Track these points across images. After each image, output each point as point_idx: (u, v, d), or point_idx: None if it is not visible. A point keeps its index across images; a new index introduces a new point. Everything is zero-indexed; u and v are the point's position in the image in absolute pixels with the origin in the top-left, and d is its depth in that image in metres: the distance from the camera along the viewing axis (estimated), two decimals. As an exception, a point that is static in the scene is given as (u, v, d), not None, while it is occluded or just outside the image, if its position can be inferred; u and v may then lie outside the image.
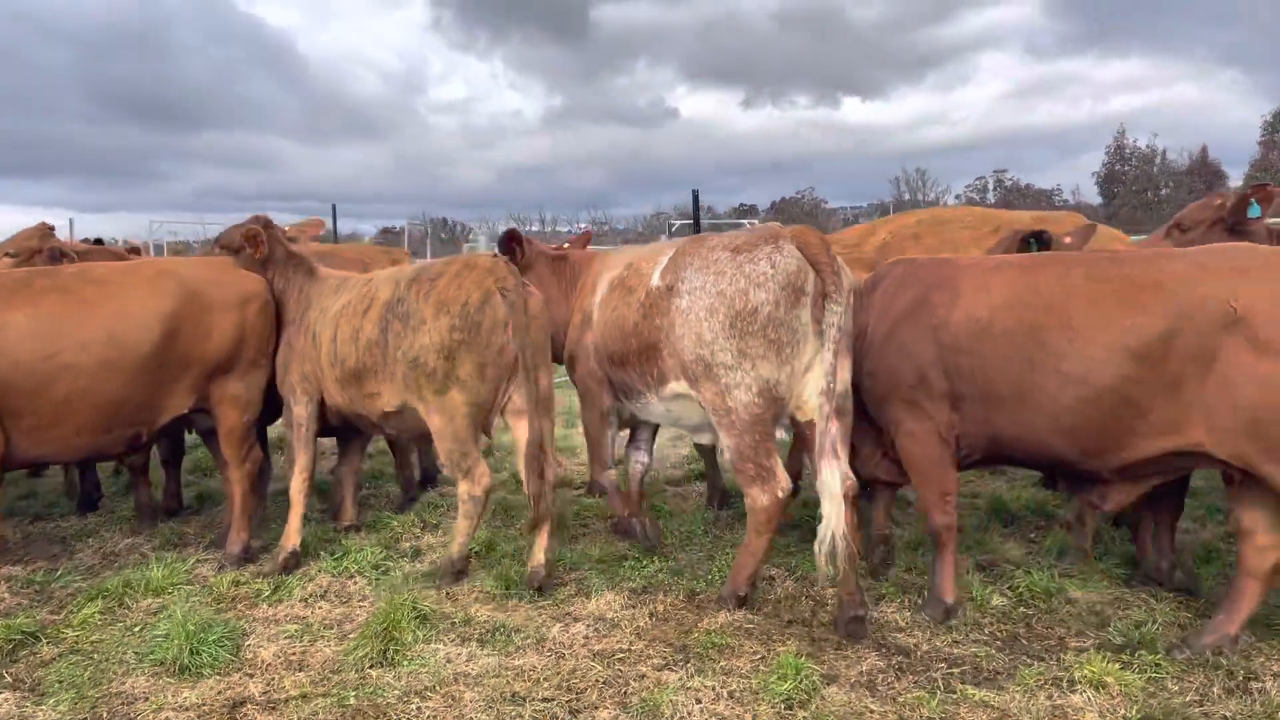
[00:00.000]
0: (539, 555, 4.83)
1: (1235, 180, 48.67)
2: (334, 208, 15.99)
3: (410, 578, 5.00)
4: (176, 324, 5.06)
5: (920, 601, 4.55)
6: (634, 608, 4.59)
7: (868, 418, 4.72)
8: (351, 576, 5.06)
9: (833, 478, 4.12)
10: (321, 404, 5.33)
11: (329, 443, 6.92)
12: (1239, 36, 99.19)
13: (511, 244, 5.86)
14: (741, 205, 73.20)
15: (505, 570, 4.89)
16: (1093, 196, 55.73)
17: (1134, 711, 3.50)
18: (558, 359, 5.52)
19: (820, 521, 4.12)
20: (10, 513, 6.24)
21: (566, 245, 6.58)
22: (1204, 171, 51.85)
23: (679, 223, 35.28)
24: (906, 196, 72.84)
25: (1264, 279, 3.70)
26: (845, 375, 4.34)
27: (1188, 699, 3.61)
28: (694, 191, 14.63)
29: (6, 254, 6.74)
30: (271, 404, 5.61)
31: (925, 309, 4.43)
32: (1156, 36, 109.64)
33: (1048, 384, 4.03)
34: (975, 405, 4.30)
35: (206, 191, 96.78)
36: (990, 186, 68.50)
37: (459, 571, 4.94)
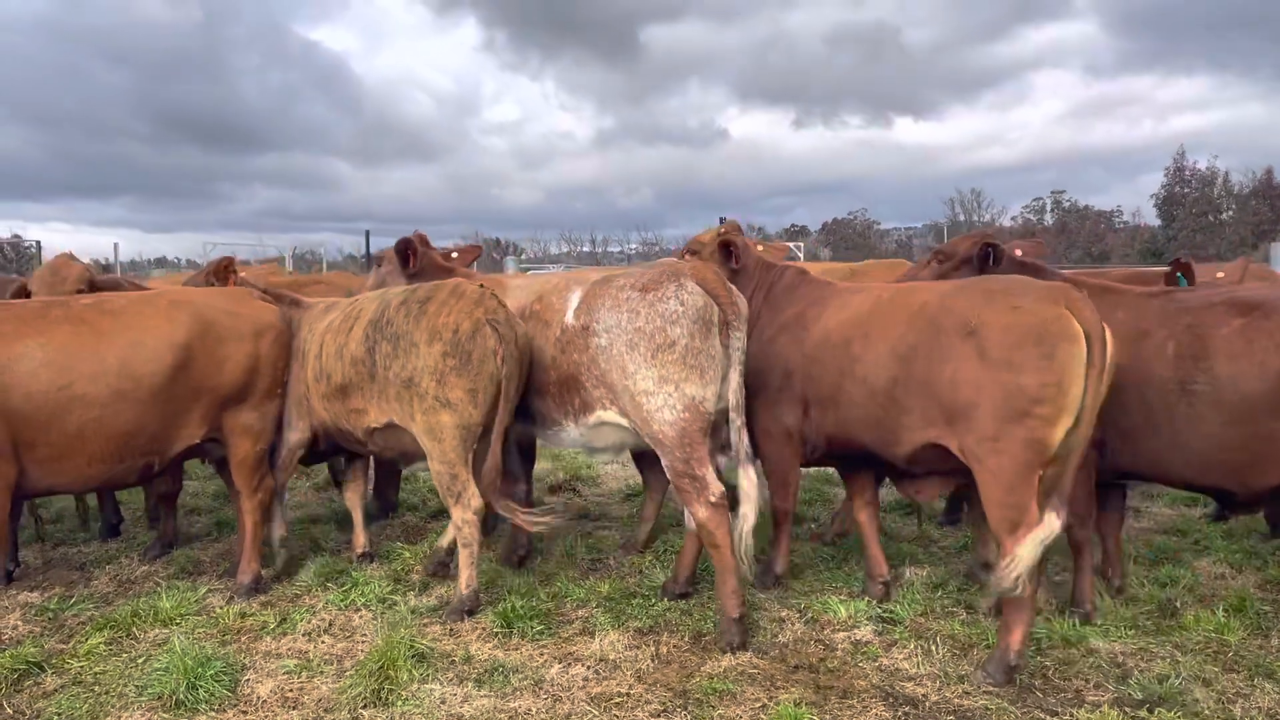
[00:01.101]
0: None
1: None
2: (366, 233, 16.06)
3: (416, 612, 4.96)
4: (190, 354, 5.09)
5: (932, 648, 4.39)
6: (637, 648, 4.50)
7: None
8: (357, 610, 5.03)
9: (749, 483, 4.74)
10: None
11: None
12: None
13: (406, 252, 6.18)
14: (793, 226, 72.74)
15: (509, 607, 4.82)
16: (1152, 218, 54.53)
17: (1147, 775, 3.33)
18: None
19: (740, 519, 4.67)
20: (37, 538, 6.34)
21: (454, 254, 6.61)
22: (1268, 193, 50.36)
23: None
24: (961, 217, 71.98)
25: (999, 305, 4.23)
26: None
27: (1207, 762, 3.43)
28: (720, 220, 14.63)
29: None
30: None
31: (800, 323, 5.12)
32: (1220, 55, 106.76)
33: (854, 387, 4.71)
34: (817, 408, 4.96)
35: (265, 212, 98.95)
36: (1048, 207, 67.40)
37: (469, 610, 4.88)
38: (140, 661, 4.41)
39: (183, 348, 5.06)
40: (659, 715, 3.87)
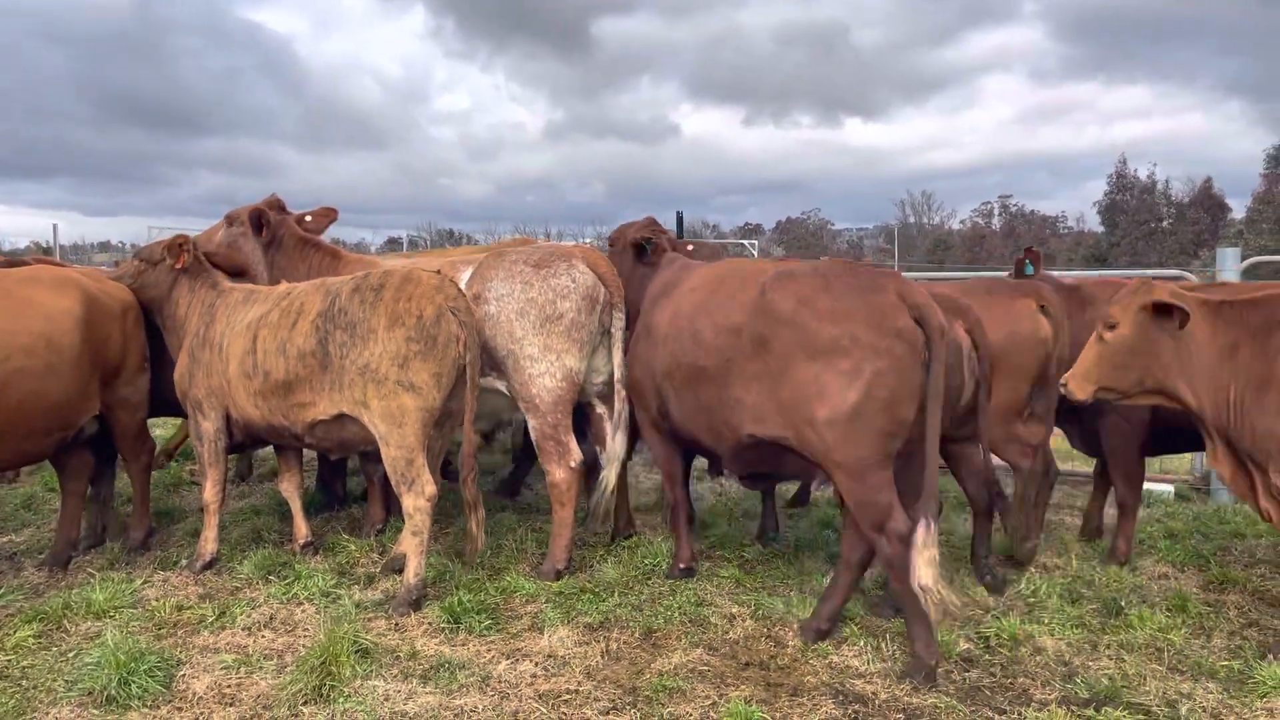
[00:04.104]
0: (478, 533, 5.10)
1: (1238, 212, 48.56)
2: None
3: (361, 606, 4.85)
4: (89, 329, 5.32)
5: (882, 645, 4.38)
6: (587, 645, 4.44)
7: None
8: (300, 603, 4.90)
9: (617, 447, 5.30)
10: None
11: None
12: (1245, 67, 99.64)
13: (260, 221, 6.25)
14: (747, 224, 73.09)
15: (456, 601, 4.73)
16: (1096, 225, 55.68)
17: (1094, 774, 3.35)
18: None
19: (601, 484, 5.24)
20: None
21: (308, 218, 6.59)
22: (1206, 203, 51.68)
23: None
24: (912, 219, 72.94)
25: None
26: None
27: (1152, 760, 3.46)
28: (679, 213, 14.82)
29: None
30: None
31: (661, 306, 5.18)
32: (1162, 65, 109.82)
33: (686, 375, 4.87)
34: (666, 397, 5.07)
35: (209, 197, 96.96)
36: (996, 211, 68.52)
37: (416, 601, 4.79)
38: (70, 655, 4.26)
39: (84, 322, 5.30)
40: (608, 713, 3.81)
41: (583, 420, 5.70)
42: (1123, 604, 4.85)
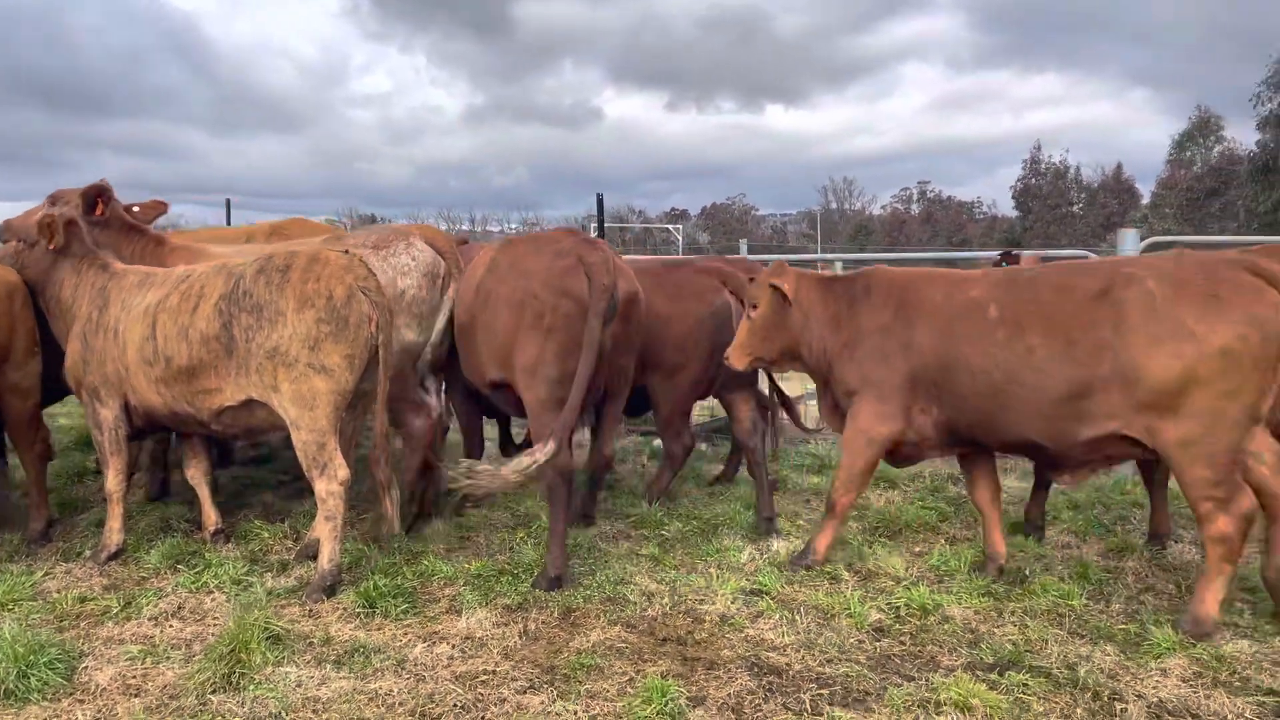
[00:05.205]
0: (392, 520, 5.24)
1: (1145, 197, 50.30)
2: (227, 202, 15.41)
3: (274, 593, 4.76)
4: None
5: (796, 618, 4.46)
6: (505, 626, 4.42)
7: None
8: (210, 592, 4.79)
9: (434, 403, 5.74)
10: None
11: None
12: (1152, 56, 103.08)
13: (96, 199, 6.02)
14: (673, 210, 73.38)
15: (371, 585, 4.67)
16: (1009, 209, 57.22)
17: (996, 734, 3.46)
18: None
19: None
20: None
21: (136, 209, 6.47)
22: (1116, 188, 53.49)
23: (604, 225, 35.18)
24: (834, 205, 73.95)
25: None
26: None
27: (1051, 720, 3.58)
28: (599, 196, 14.70)
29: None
30: None
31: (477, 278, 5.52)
32: (1073, 54, 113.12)
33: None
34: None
35: (117, 182, 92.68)
36: (914, 197, 69.91)
37: (330, 586, 4.72)
38: (-35, 650, 4.09)
39: None
40: (525, 692, 3.81)
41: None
42: (1027, 572, 5.01)
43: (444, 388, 6.07)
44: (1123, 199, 52.03)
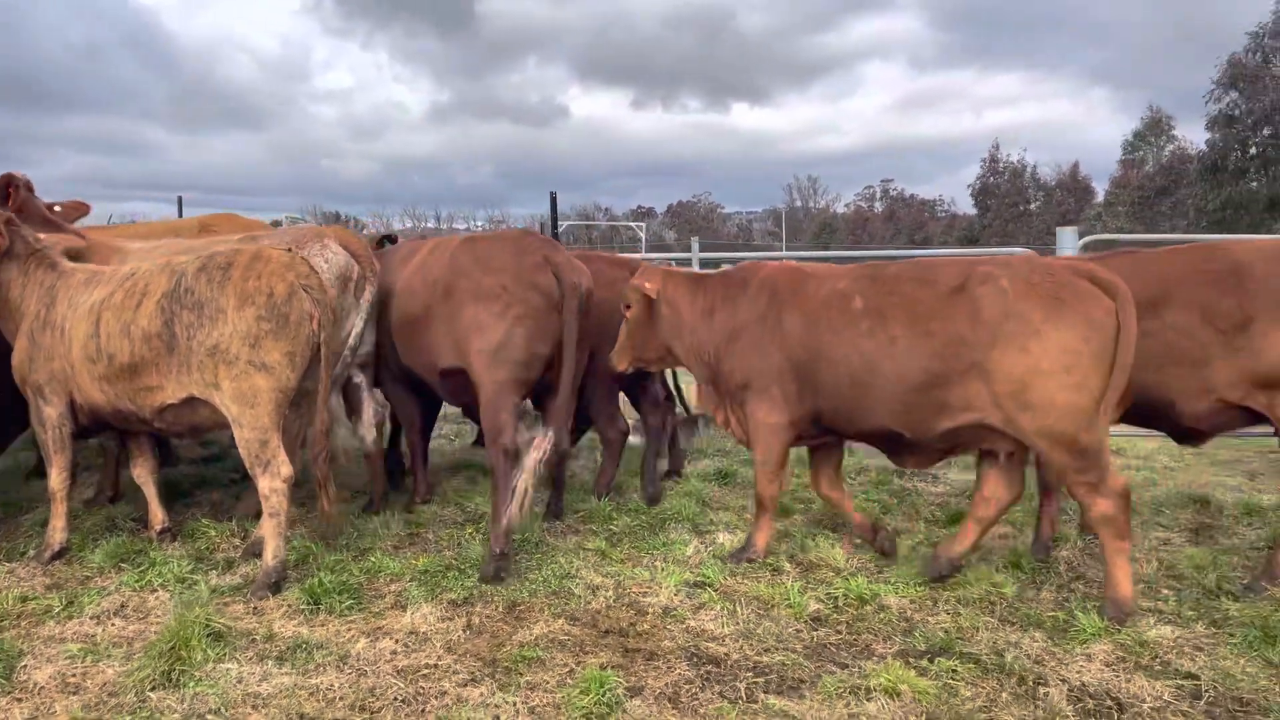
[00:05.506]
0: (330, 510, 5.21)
1: (1099, 196, 51.12)
2: (179, 199, 15.26)
3: (218, 591, 4.77)
4: None
5: (737, 609, 4.55)
6: (450, 620, 4.47)
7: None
8: (154, 590, 4.79)
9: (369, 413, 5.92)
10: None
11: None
12: (1109, 57, 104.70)
13: (7, 189, 6.11)
14: (639, 207, 73.52)
15: (316, 582, 4.70)
16: (969, 207, 57.90)
17: (921, 718, 3.56)
18: None
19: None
20: None
21: (57, 208, 6.51)
22: (1072, 186, 54.32)
23: (565, 224, 35.23)
24: (799, 203, 74.42)
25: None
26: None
27: (977, 705, 3.69)
28: (552, 194, 14.77)
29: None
30: None
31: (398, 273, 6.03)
32: (1033, 54, 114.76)
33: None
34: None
35: (77, 179, 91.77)
36: (878, 195, 70.55)
37: (275, 583, 4.73)
38: (-100, 652, 4.07)
39: None
40: (466, 684, 3.86)
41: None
42: (963, 562, 5.13)
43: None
44: (1079, 197, 52.85)
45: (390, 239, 7.58)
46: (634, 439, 6.90)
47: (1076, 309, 4.34)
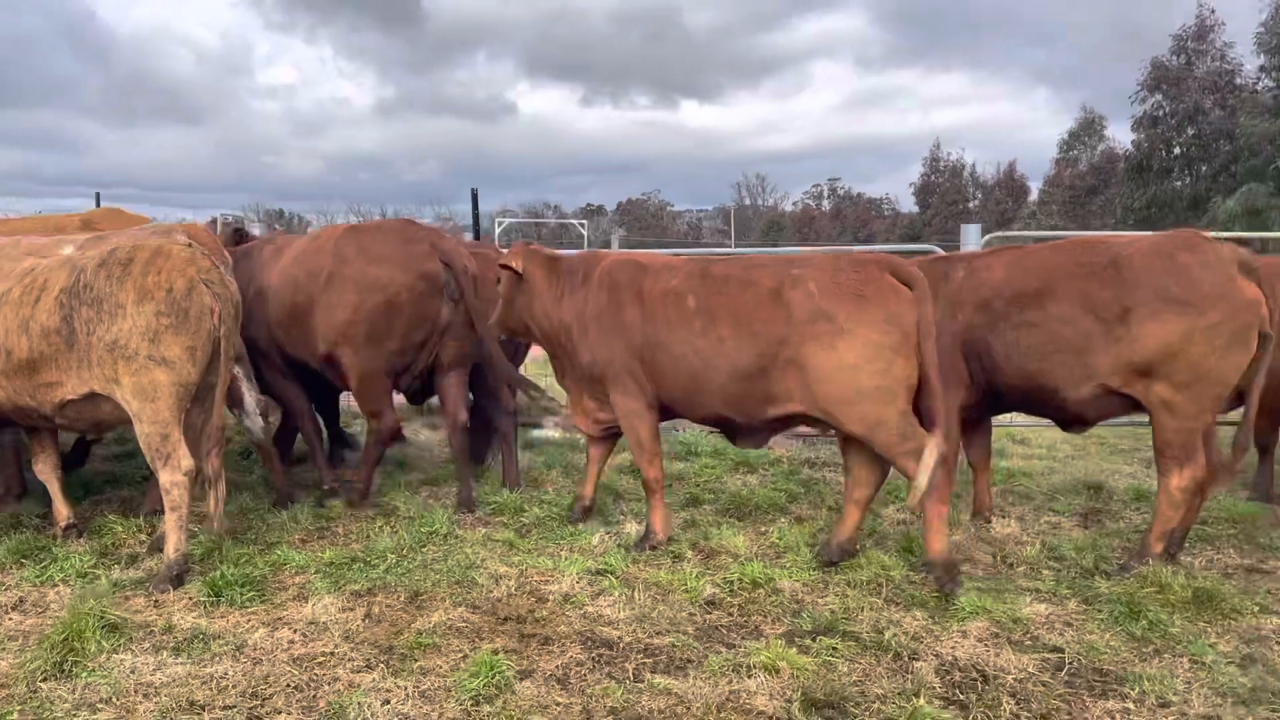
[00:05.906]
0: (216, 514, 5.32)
1: (1033, 195, 52.30)
2: (97, 195, 14.99)
3: (119, 585, 4.78)
4: None
5: (635, 595, 4.68)
6: (350, 610, 4.54)
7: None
8: (54, 585, 4.79)
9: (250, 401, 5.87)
10: None
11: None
12: (1051, 58, 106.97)
13: None
14: (589, 205, 73.52)
15: (218, 575, 4.73)
16: (911, 206, 58.88)
17: (797, 692, 3.72)
18: None
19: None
20: None
21: None
22: (1010, 185, 55.50)
23: (508, 220, 35.18)
24: (748, 201, 74.98)
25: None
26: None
27: (851, 679, 3.86)
28: (473, 190, 14.68)
29: None
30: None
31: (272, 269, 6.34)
32: (977, 54, 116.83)
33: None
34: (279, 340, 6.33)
35: (7, 174, 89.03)
36: (825, 193, 71.40)
37: (177, 576, 4.76)
38: None
39: None
40: (360, 670, 3.94)
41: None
42: (857, 547, 5.32)
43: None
44: (1015, 196, 54.02)
45: (241, 232, 7.77)
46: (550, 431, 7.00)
47: (877, 303, 4.72)
